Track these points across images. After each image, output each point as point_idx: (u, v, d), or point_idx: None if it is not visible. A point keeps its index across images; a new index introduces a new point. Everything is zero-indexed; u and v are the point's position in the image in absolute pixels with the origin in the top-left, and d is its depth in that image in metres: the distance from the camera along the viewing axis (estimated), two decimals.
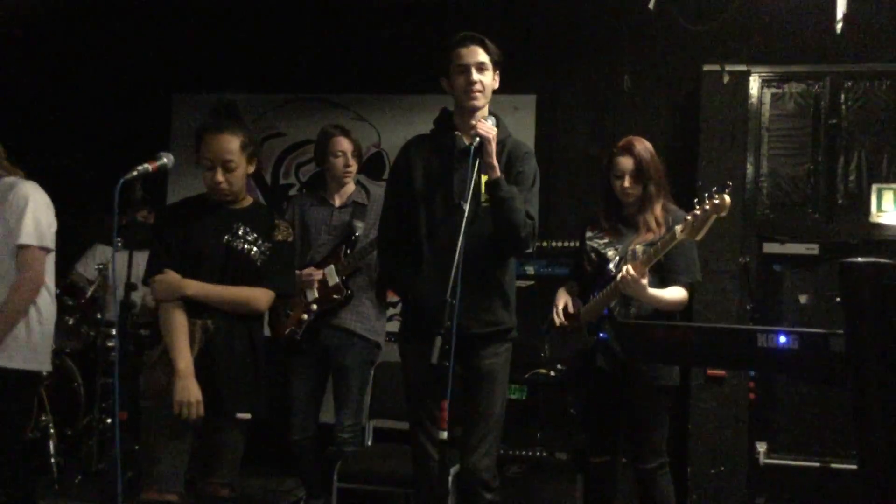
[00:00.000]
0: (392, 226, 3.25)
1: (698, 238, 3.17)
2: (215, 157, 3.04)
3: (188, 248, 3.03)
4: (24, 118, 5.60)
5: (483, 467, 3.09)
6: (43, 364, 3.36)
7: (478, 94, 3.08)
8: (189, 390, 2.89)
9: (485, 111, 3.14)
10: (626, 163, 3.43)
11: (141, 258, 2.96)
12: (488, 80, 3.10)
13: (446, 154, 3.14)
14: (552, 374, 4.10)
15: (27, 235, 3.19)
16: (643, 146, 3.46)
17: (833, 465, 4.20)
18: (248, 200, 3.19)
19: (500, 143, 3.11)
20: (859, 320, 1.90)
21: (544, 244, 4.50)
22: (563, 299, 3.58)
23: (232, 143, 3.06)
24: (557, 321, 3.53)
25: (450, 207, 3.07)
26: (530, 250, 3.21)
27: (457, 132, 3.15)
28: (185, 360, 2.92)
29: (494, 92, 3.17)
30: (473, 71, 3.08)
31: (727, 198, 3.04)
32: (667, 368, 3.40)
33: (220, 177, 3.04)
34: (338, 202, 4.15)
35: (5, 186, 3.26)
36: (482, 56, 3.09)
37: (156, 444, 2.93)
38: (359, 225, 4.06)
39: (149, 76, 5.76)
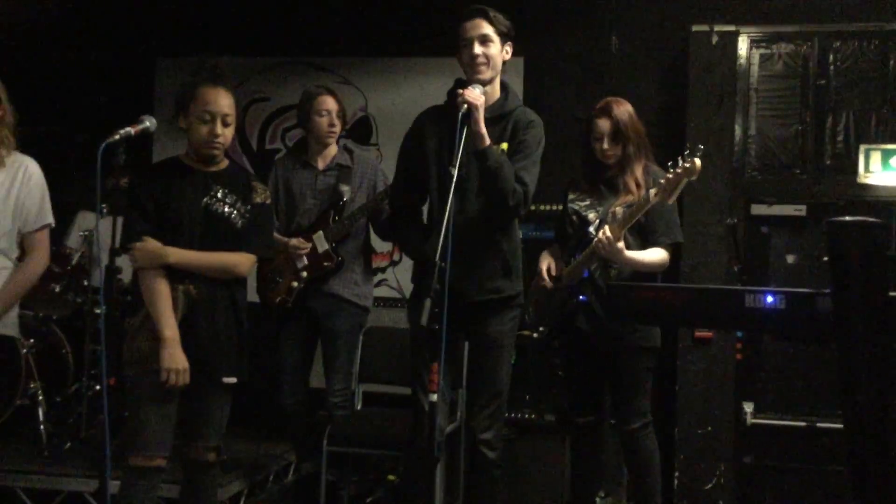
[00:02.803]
0: (401, 192, 3.32)
1: (670, 201, 3.19)
2: (216, 111, 3.00)
3: (167, 213, 2.99)
4: (4, 84, 5.52)
5: (486, 428, 3.18)
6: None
7: (482, 68, 3.10)
8: (176, 358, 2.88)
9: (495, 84, 3.16)
10: (604, 124, 3.44)
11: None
12: (494, 51, 3.11)
13: (454, 124, 3.13)
14: (535, 336, 4.11)
15: (49, 215, 3.26)
16: (621, 108, 3.46)
17: (819, 425, 4.25)
18: (225, 163, 3.15)
19: (509, 112, 3.17)
20: (846, 280, 1.91)
21: (532, 208, 4.49)
22: (545, 262, 3.61)
23: (229, 99, 3.05)
24: (542, 283, 3.55)
25: (449, 175, 3.07)
26: (519, 217, 3.21)
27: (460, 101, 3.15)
28: (170, 328, 2.91)
29: None
30: (476, 44, 3.09)
31: (697, 161, 3.06)
32: (648, 330, 3.43)
33: (219, 129, 3.01)
34: (321, 165, 4.11)
35: (16, 163, 3.27)
36: (486, 28, 3.09)
37: (141, 411, 2.92)
38: (345, 189, 4.03)
39: (132, 40, 5.68)
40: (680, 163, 3.09)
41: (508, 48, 3.18)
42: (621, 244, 3.24)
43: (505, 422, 3.85)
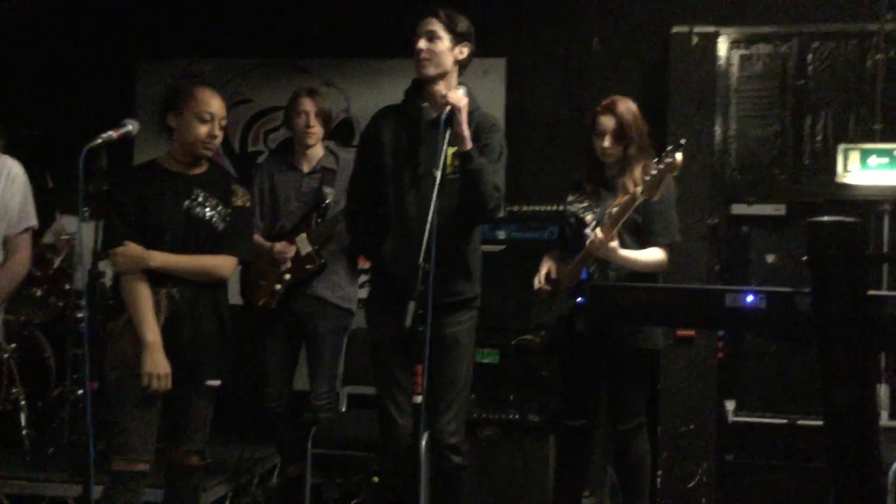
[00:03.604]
0: (359, 195, 3.28)
1: (654, 198, 3.17)
2: (216, 112, 3.03)
3: (147, 216, 2.99)
4: None
5: (450, 431, 3.16)
6: None
7: (423, 62, 3.08)
8: (158, 362, 2.88)
9: (452, 82, 3.13)
10: (608, 122, 3.41)
11: None
12: (440, 48, 3.08)
13: (413, 125, 3.14)
14: (537, 340, 4.13)
15: (33, 217, 3.24)
16: (626, 106, 3.43)
17: (800, 422, 4.28)
18: (205, 166, 3.15)
19: (469, 114, 3.10)
20: (825, 279, 1.93)
21: (515, 208, 4.50)
22: (546, 265, 3.58)
23: (223, 104, 3.09)
24: (537, 285, 3.54)
25: (415, 178, 3.09)
26: (490, 223, 3.21)
27: (424, 104, 3.15)
28: (152, 332, 2.90)
29: None
30: (421, 39, 3.07)
31: (679, 156, 3.04)
32: (649, 332, 3.41)
33: (217, 130, 3.03)
34: (306, 168, 4.11)
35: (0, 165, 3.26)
36: (433, 25, 3.08)
37: (124, 415, 2.92)
38: (328, 191, 4.03)
39: (112, 43, 5.64)
40: (662, 159, 3.09)
41: (465, 49, 3.14)
42: (614, 243, 3.22)
43: (487, 423, 3.87)
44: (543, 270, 3.57)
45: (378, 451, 3.40)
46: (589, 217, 3.46)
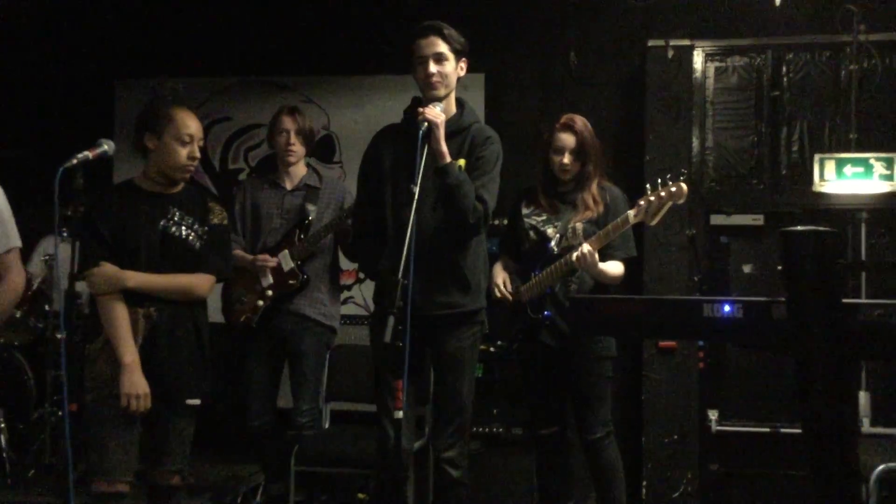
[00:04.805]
0: (363, 217, 3.32)
1: (653, 223, 3.27)
2: (196, 133, 3.03)
3: (123, 237, 2.97)
4: None
5: (449, 447, 3.18)
6: None
7: (436, 84, 3.12)
8: (136, 383, 2.87)
9: (451, 100, 3.17)
10: (568, 140, 3.48)
11: None
12: (448, 69, 3.13)
13: (411, 141, 3.15)
14: (492, 350, 4.14)
15: (16, 237, 3.21)
16: (584, 123, 3.51)
17: (783, 430, 4.30)
18: (181, 185, 3.14)
19: (465, 128, 3.18)
20: (800, 288, 1.95)
21: (496, 223, 4.51)
22: (501, 276, 3.63)
23: (199, 123, 3.08)
24: (499, 295, 3.56)
25: (409, 193, 3.09)
26: (478, 234, 3.22)
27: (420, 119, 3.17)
28: (130, 353, 2.89)
29: None
30: (431, 63, 3.10)
31: (684, 186, 3.15)
32: (606, 340, 3.49)
33: (197, 151, 3.02)
34: (289, 185, 4.12)
35: None
36: (440, 46, 3.11)
37: (103, 436, 2.90)
38: (311, 209, 4.04)
39: (89, 63, 5.64)
40: (661, 186, 3.17)
41: (463, 64, 3.20)
42: (597, 257, 3.31)
43: (472, 436, 3.87)
44: (500, 281, 3.59)
45: (366, 468, 3.41)
46: (550, 231, 3.51)
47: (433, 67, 3.10)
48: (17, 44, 5.66)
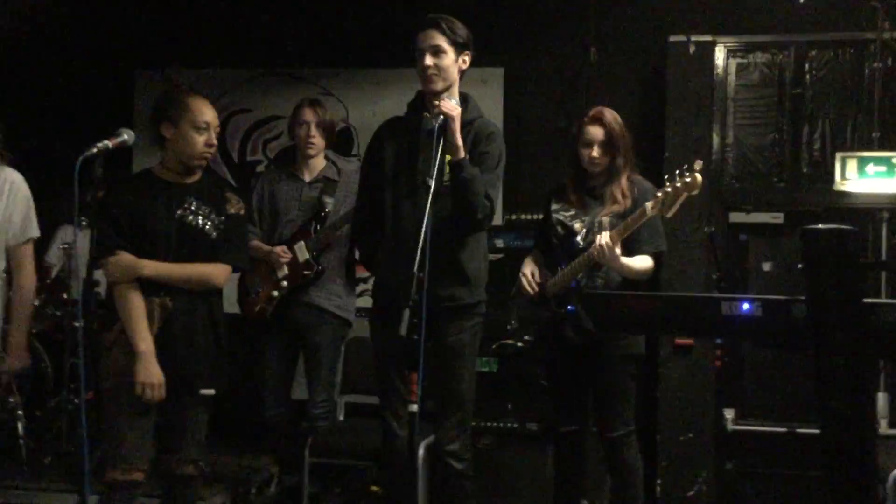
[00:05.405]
0: (367, 209, 3.30)
1: (669, 215, 3.23)
2: (211, 121, 3.04)
3: (140, 226, 2.98)
4: None
5: (452, 439, 3.17)
6: None
7: (432, 77, 3.10)
8: (151, 372, 2.88)
9: (454, 92, 3.14)
10: (597, 132, 3.44)
11: None
12: (446, 62, 3.09)
13: (414, 135, 3.15)
14: (519, 344, 4.13)
15: (34, 228, 3.25)
16: (613, 116, 3.48)
17: (800, 430, 4.26)
18: (198, 174, 3.14)
19: (469, 123, 3.14)
20: (820, 287, 1.93)
21: (513, 217, 4.52)
22: (529, 268, 3.60)
23: (214, 111, 3.08)
24: (529, 289, 3.54)
25: (413, 187, 3.10)
26: (480, 231, 3.21)
27: (425, 113, 3.16)
28: (145, 341, 2.90)
29: None
30: (427, 56, 3.09)
31: (699, 176, 3.12)
32: (633, 338, 3.44)
33: (214, 139, 3.03)
34: (308, 178, 4.12)
35: (2, 177, 3.27)
36: (438, 39, 3.08)
37: (119, 424, 2.91)
38: (328, 201, 4.04)
39: (111, 54, 5.66)
40: (678, 178, 3.14)
41: (466, 57, 3.16)
42: (618, 250, 3.27)
43: (485, 431, 3.86)
44: (528, 272, 3.57)
45: (378, 461, 3.40)
46: (577, 225, 3.48)
47: (429, 60, 3.08)
48: (38, 34, 5.69)
